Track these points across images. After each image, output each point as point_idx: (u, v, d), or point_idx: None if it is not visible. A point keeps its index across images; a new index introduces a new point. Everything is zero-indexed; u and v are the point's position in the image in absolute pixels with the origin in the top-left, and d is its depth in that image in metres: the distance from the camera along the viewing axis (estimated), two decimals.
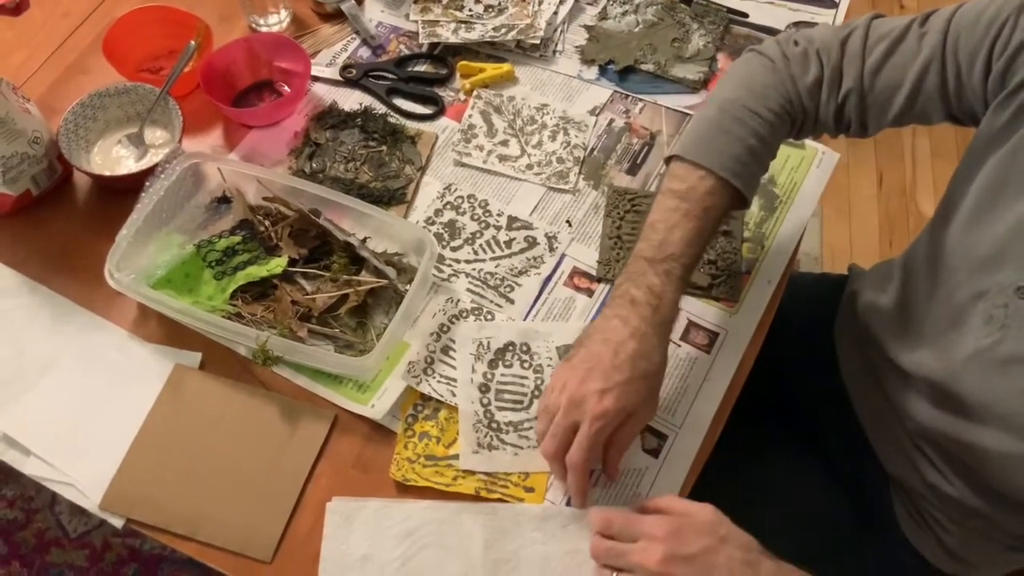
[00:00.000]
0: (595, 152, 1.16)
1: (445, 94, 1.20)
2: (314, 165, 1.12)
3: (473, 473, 0.92)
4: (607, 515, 0.84)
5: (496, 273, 1.05)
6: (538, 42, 1.23)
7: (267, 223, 1.05)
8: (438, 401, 0.96)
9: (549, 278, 1.05)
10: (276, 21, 1.25)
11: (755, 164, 0.91)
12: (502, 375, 0.98)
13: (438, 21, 1.25)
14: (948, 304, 0.89)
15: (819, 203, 1.12)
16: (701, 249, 0.89)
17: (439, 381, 0.97)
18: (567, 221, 1.10)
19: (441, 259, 1.06)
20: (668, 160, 0.92)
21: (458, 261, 1.06)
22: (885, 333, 1.01)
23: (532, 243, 1.08)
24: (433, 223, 1.09)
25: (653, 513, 0.83)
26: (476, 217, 1.09)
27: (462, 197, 1.11)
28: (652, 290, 0.85)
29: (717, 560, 0.79)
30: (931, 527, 1.01)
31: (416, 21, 1.25)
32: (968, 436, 0.88)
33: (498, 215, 1.10)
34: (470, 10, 1.26)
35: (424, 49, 1.24)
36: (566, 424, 0.84)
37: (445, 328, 1.00)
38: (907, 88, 0.87)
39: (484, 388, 0.97)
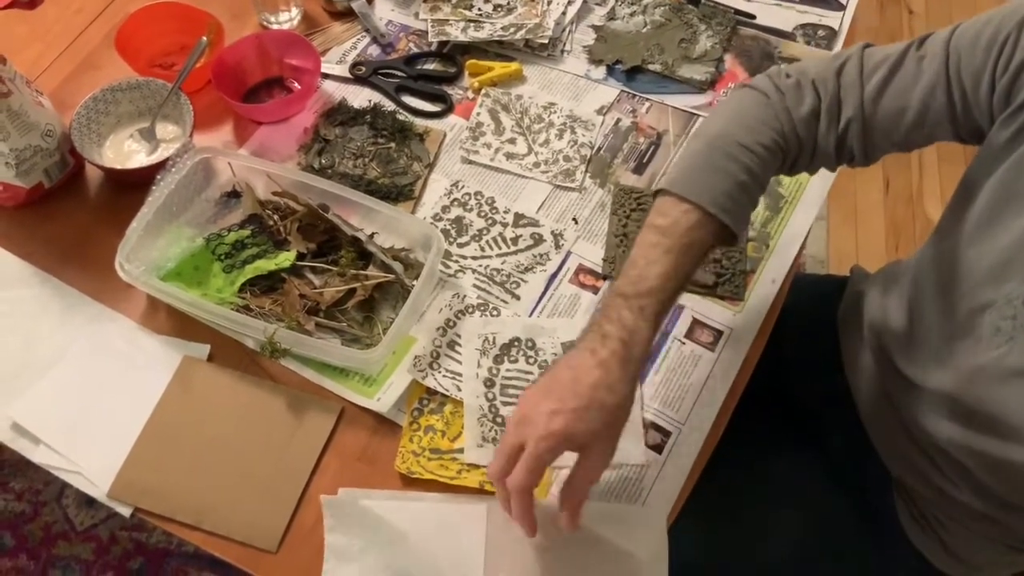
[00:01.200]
0: (602, 151, 1.17)
1: (453, 92, 1.21)
2: (323, 161, 1.13)
3: (477, 467, 0.92)
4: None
5: (502, 269, 1.06)
6: (546, 41, 1.24)
7: (276, 217, 1.06)
8: (443, 395, 0.97)
9: (555, 275, 1.06)
10: (287, 18, 1.26)
11: (745, 199, 0.88)
12: (507, 370, 0.98)
13: (447, 20, 1.26)
14: (954, 315, 0.89)
15: (825, 208, 1.13)
16: (680, 285, 0.85)
17: (445, 375, 0.98)
18: (573, 219, 1.10)
19: (448, 255, 1.07)
20: (655, 194, 0.89)
21: (465, 257, 1.07)
22: (892, 342, 1.01)
23: (538, 240, 1.08)
24: (440, 219, 1.10)
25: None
26: (483, 214, 1.10)
27: (469, 194, 1.12)
28: (624, 325, 0.81)
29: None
30: (934, 528, 1.01)
31: (425, 20, 1.26)
32: (978, 446, 0.88)
33: (505, 212, 1.10)
34: (479, 9, 1.27)
35: (433, 47, 1.25)
36: (512, 442, 0.79)
37: (451, 323, 1.01)
38: (913, 112, 0.86)
39: (489, 383, 0.97)
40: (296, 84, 1.20)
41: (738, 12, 1.30)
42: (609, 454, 0.81)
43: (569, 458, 0.80)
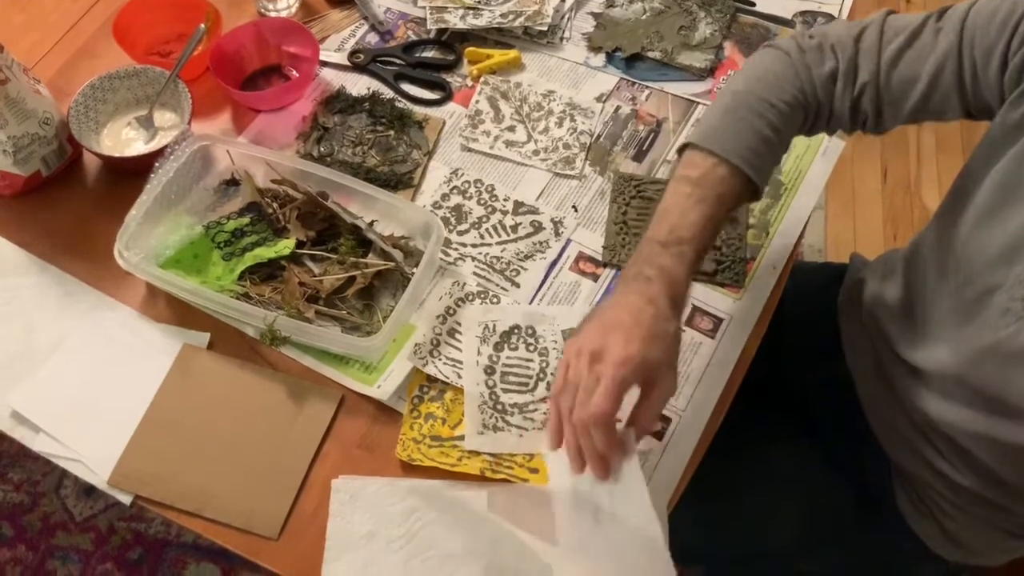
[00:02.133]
0: (601, 138, 1.16)
1: (452, 80, 1.21)
2: (322, 149, 1.13)
3: (478, 454, 0.92)
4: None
5: (502, 257, 1.06)
6: (545, 29, 1.24)
7: (275, 205, 1.06)
8: (444, 383, 0.97)
9: (555, 262, 1.06)
10: (285, 6, 1.26)
11: (769, 154, 0.90)
12: (507, 358, 0.98)
13: (446, 7, 1.25)
14: (959, 297, 0.89)
15: (823, 196, 1.12)
16: (713, 235, 0.88)
17: (445, 363, 0.98)
18: (573, 206, 1.10)
19: (447, 243, 1.06)
20: (681, 150, 0.92)
21: (464, 245, 1.07)
22: (892, 327, 1.01)
23: (538, 228, 1.08)
24: (440, 207, 1.09)
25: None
26: (483, 202, 1.10)
27: (469, 182, 1.12)
28: (664, 270, 0.83)
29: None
30: (933, 513, 1.02)
31: (424, 7, 1.26)
32: (982, 428, 0.88)
33: (504, 200, 1.10)
34: None
35: (432, 35, 1.25)
36: (591, 379, 0.77)
37: (451, 311, 1.01)
38: (923, 83, 0.86)
39: (490, 370, 0.97)
40: (294, 72, 1.20)
41: None
42: (675, 383, 0.82)
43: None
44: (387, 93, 1.19)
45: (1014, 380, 0.82)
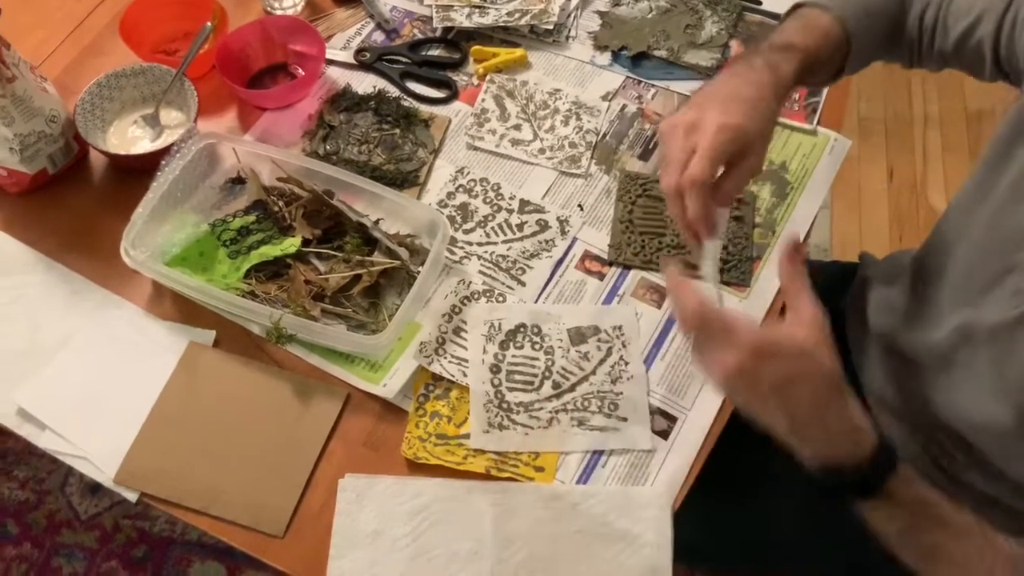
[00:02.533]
0: (607, 137, 1.16)
1: (458, 78, 1.21)
2: (328, 147, 1.13)
3: (484, 452, 0.92)
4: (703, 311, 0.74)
5: (508, 256, 1.06)
6: (551, 27, 1.24)
7: (281, 203, 1.06)
8: (449, 381, 0.97)
9: (560, 261, 1.06)
10: (291, 4, 1.26)
11: (867, 25, 0.93)
12: (513, 356, 0.98)
13: (452, 6, 1.25)
14: (971, 281, 0.89)
15: (829, 196, 1.12)
16: (818, 60, 0.90)
17: (450, 361, 0.98)
18: (579, 205, 1.10)
19: (453, 241, 1.06)
20: (789, 12, 0.96)
21: (470, 243, 1.07)
22: (898, 326, 1.01)
23: (544, 226, 1.08)
24: (446, 206, 1.09)
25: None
26: (488, 200, 1.10)
27: (475, 180, 1.12)
28: (771, 62, 0.85)
29: (789, 393, 0.74)
30: None
31: (430, 6, 1.26)
32: (982, 418, 0.88)
33: (510, 198, 1.10)
34: None
35: (438, 33, 1.25)
36: (683, 151, 0.79)
37: (457, 309, 1.01)
38: (970, 18, 0.90)
39: (495, 369, 0.97)
40: (300, 70, 1.20)
41: None
42: (763, 160, 0.84)
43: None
44: (393, 91, 1.19)
45: (1016, 361, 0.82)
